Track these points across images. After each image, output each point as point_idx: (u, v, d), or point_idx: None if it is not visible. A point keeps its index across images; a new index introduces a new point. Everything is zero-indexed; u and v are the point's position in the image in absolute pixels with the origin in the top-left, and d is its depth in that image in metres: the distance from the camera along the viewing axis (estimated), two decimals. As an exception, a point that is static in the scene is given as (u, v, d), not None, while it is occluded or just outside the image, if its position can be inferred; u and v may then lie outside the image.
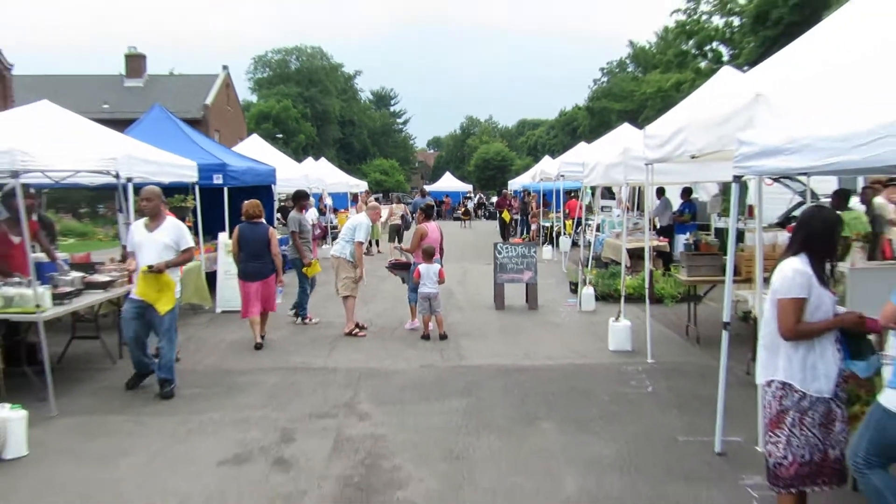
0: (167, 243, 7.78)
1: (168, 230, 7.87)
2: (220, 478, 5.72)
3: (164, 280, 7.74)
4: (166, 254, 7.75)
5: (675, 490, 5.37)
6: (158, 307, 7.68)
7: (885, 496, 3.99)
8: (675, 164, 9.42)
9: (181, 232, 7.97)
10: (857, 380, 4.40)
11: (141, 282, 7.67)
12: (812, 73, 6.09)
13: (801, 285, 4.24)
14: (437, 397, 7.85)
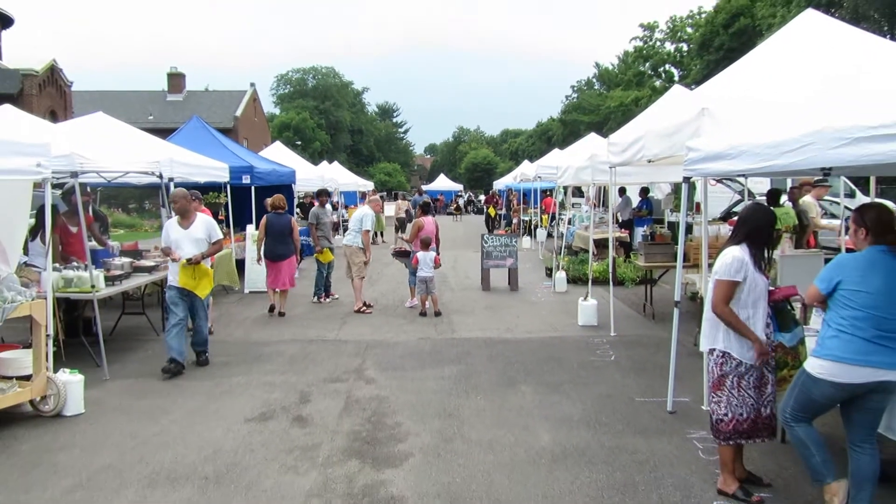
0: (201, 237, 7.62)
1: (201, 226, 7.70)
2: (247, 432, 5.71)
3: (202, 269, 7.63)
4: (201, 247, 7.58)
5: (632, 442, 5.39)
6: (199, 292, 7.59)
7: (808, 445, 4.02)
8: (634, 167, 9.42)
9: (211, 226, 7.80)
10: (785, 349, 4.42)
11: (182, 273, 7.51)
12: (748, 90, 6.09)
13: (738, 270, 4.25)
14: (432, 365, 7.85)
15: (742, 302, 4.30)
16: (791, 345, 4.42)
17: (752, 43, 9.38)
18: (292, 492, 4.57)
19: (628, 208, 17.95)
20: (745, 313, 4.30)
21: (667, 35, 48.34)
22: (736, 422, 4.36)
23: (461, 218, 43.70)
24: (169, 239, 7.65)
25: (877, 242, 3.90)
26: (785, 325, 4.40)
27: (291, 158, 20.44)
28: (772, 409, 4.42)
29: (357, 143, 77.20)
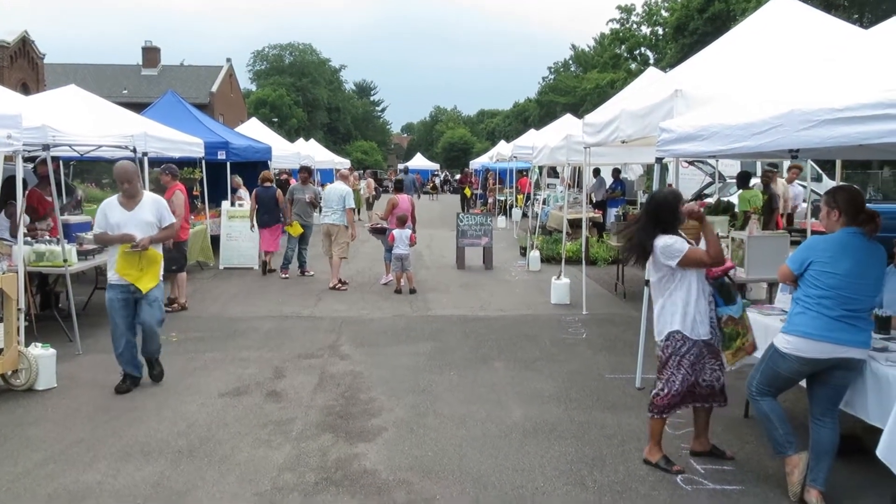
0: (149, 221, 6.04)
1: (149, 207, 6.11)
2: (221, 406, 5.69)
3: (149, 256, 6.02)
4: (149, 232, 6.01)
5: (601, 417, 5.46)
6: (142, 285, 5.96)
7: (771, 419, 4.11)
8: (608, 148, 9.48)
9: (162, 207, 6.25)
10: (735, 320, 4.49)
11: (122, 261, 5.91)
12: (721, 73, 6.14)
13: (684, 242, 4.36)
14: (406, 341, 7.86)
15: (697, 282, 4.36)
16: (739, 315, 4.49)
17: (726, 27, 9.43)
18: (266, 465, 4.57)
19: (602, 189, 18.03)
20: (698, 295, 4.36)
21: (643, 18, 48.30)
22: (670, 396, 4.45)
23: (437, 197, 43.60)
24: (107, 223, 6.02)
25: (849, 224, 3.96)
26: (729, 299, 4.48)
27: (268, 135, 20.19)
28: (717, 376, 4.51)
29: (334, 121, 76.44)
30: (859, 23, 19.24)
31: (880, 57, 3.75)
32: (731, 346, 4.50)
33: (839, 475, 4.14)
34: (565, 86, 57.25)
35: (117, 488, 4.24)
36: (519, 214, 22.19)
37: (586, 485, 4.29)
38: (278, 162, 17.81)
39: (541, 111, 60.16)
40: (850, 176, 24.85)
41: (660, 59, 40.37)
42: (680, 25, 35.62)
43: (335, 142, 70.37)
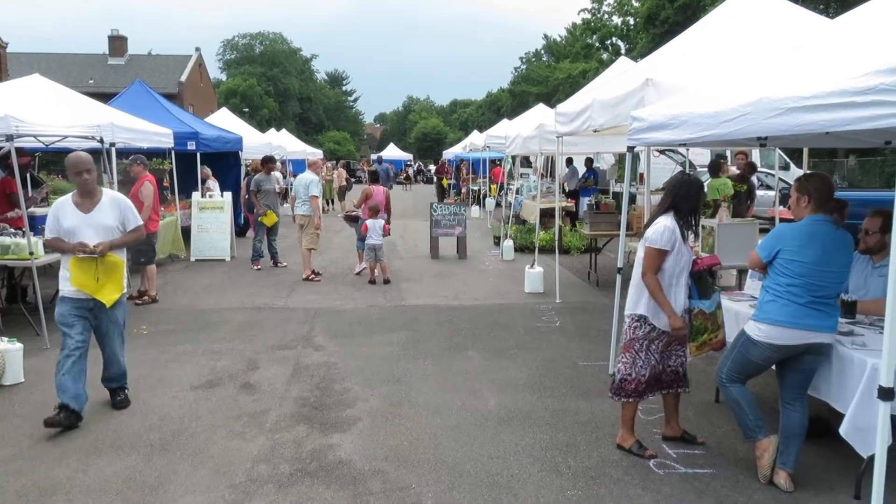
0: (110, 224, 5.17)
1: (110, 208, 5.23)
2: (194, 399, 5.63)
3: (108, 263, 5.11)
4: (109, 236, 5.16)
5: (575, 404, 5.51)
6: (103, 297, 5.13)
7: (741, 405, 4.18)
8: (580, 138, 9.52)
9: (126, 207, 5.32)
10: (705, 314, 4.55)
11: (75, 268, 5.05)
12: (691, 62, 6.19)
13: (669, 240, 4.34)
14: (381, 331, 7.84)
15: (669, 271, 4.40)
16: (710, 311, 4.56)
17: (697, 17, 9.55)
18: (240, 457, 4.54)
19: (575, 178, 18.14)
20: (670, 282, 4.41)
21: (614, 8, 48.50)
22: (637, 382, 4.51)
23: (411, 187, 43.55)
24: (59, 227, 5.15)
25: (817, 211, 4.02)
26: (704, 293, 4.53)
27: (238, 125, 19.94)
28: (681, 363, 4.61)
29: (306, 111, 75.83)
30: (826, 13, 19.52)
31: (845, 46, 3.79)
32: (698, 339, 4.56)
33: (806, 456, 4.23)
34: (538, 76, 57.42)
35: (88, 483, 4.18)
36: (492, 204, 22.21)
37: (560, 471, 4.33)
38: (249, 153, 17.62)
39: (514, 101, 60.25)
40: (817, 164, 25.28)
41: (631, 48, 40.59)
42: (651, 15, 35.82)
43: (307, 132, 69.86)
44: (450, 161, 35.05)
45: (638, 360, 4.50)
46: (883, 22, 3.69)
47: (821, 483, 4.10)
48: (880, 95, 2.92)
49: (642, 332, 4.47)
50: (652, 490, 4.07)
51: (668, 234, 4.35)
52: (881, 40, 3.37)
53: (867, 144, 6.80)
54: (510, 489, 4.10)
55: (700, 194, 4.51)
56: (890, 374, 2.98)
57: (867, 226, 4.78)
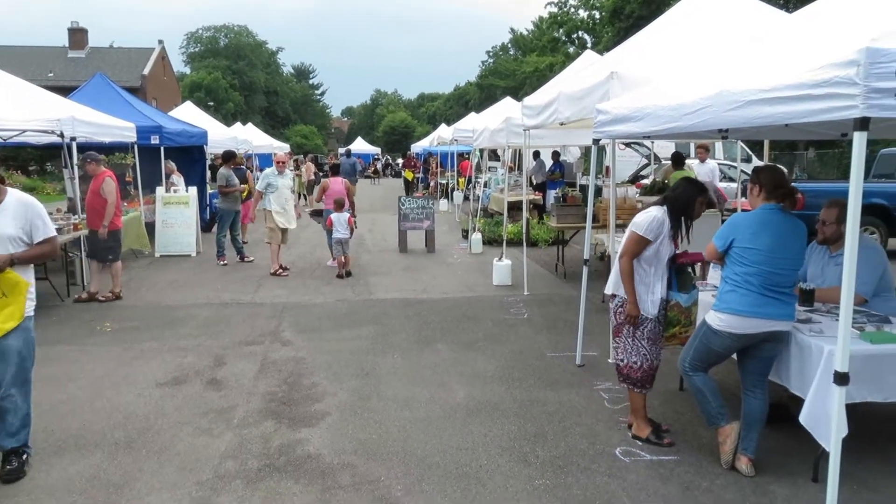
0: (11, 234, 4.12)
1: (14, 213, 4.18)
2: (159, 396, 5.55)
3: (7, 280, 4.07)
4: (12, 249, 4.12)
5: (543, 395, 5.55)
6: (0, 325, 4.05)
7: (704, 393, 4.26)
8: (547, 131, 9.57)
9: (35, 215, 4.27)
10: (681, 308, 4.63)
11: None
12: (655, 56, 6.26)
13: (654, 230, 4.41)
14: (349, 326, 7.82)
15: (647, 259, 4.47)
16: (687, 305, 4.64)
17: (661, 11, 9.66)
18: (207, 454, 4.49)
19: (542, 171, 18.24)
20: (648, 270, 4.48)
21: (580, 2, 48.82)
22: (630, 369, 4.58)
23: (379, 181, 43.40)
24: None
25: (769, 199, 4.11)
26: (684, 287, 4.62)
27: (203, 119, 19.67)
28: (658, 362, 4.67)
29: (272, 104, 75.04)
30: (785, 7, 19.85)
31: (803, 40, 3.87)
32: (669, 330, 4.65)
33: (767, 442, 4.32)
34: (505, 69, 57.55)
35: (51, 483, 4.11)
36: (461, 198, 22.24)
37: (528, 461, 4.37)
38: (215, 147, 17.41)
39: (481, 95, 60.31)
40: (778, 157, 25.77)
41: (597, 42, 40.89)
42: (616, 9, 36.13)
43: (274, 126, 69.19)
44: (418, 155, 34.99)
45: (627, 345, 4.58)
46: (838, 16, 3.77)
47: (781, 467, 4.20)
48: (835, 88, 2.98)
49: (624, 317, 4.54)
50: (618, 477, 4.13)
51: (657, 224, 4.42)
52: (836, 34, 3.44)
53: (825, 136, 6.95)
54: (479, 480, 4.12)
55: (695, 202, 4.52)
56: (845, 358, 3.06)
57: (824, 216, 4.90)
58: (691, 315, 4.69)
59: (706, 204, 4.79)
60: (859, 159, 2.92)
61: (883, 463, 4.25)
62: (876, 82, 2.82)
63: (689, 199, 4.51)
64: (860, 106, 2.85)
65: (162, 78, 48.10)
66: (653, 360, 4.59)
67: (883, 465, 4.22)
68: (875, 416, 4.82)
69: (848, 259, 3.01)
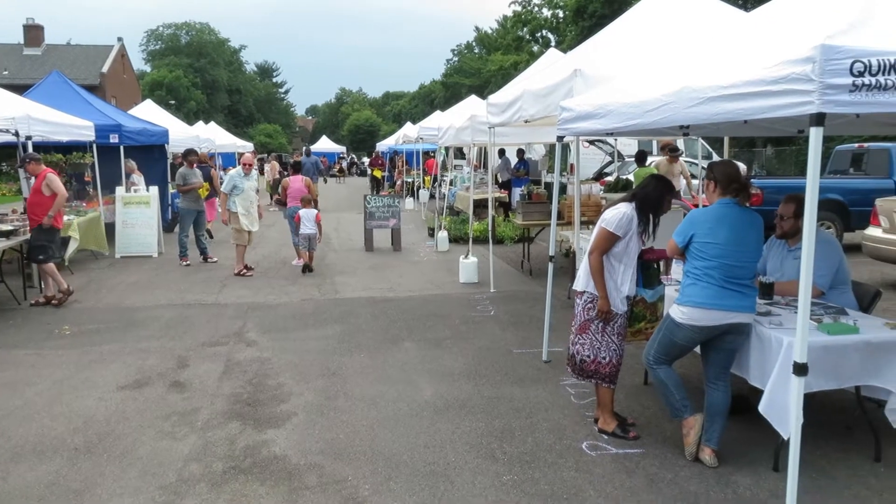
0: None
1: None
2: (120, 400, 5.44)
3: None
4: None
5: (510, 391, 5.57)
6: None
7: (668, 385, 4.31)
8: (512, 128, 9.61)
9: None
10: (646, 303, 4.69)
11: None
12: (617, 53, 6.31)
13: (623, 227, 4.46)
14: (315, 325, 7.75)
15: (616, 255, 4.51)
16: (652, 300, 4.71)
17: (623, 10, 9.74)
18: (170, 457, 4.41)
19: (507, 169, 18.31)
20: (617, 267, 4.52)
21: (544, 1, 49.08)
22: (598, 364, 4.61)
23: (344, 180, 43.15)
24: None
25: (725, 194, 4.19)
26: (649, 283, 4.68)
27: (164, 118, 19.33)
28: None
29: (235, 103, 74.09)
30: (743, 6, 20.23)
31: (761, 37, 3.94)
32: (635, 325, 4.72)
33: (730, 433, 4.39)
34: (470, 67, 57.56)
35: (7, 490, 4.00)
36: (426, 196, 22.23)
37: (496, 457, 4.37)
38: (176, 146, 17.14)
39: (446, 93, 60.27)
40: (738, 154, 26.26)
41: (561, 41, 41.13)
42: (579, 8, 36.39)
43: (237, 125, 68.36)
44: (383, 153, 34.87)
45: (595, 341, 4.60)
46: (795, 14, 3.84)
47: (742, 457, 4.27)
48: (792, 84, 3.04)
49: (596, 313, 4.56)
50: (584, 471, 4.16)
51: (626, 221, 4.46)
52: (793, 32, 3.51)
53: (782, 133, 7.09)
54: (447, 477, 4.12)
55: (664, 200, 4.59)
56: (803, 350, 3.12)
57: (782, 211, 5.00)
58: (657, 311, 4.75)
59: None
60: (815, 154, 2.98)
61: (840, 451, 4.36)
62: (831, 79, 2.88)
63: (660, 197, 4.57)
64: (816, 102, 2.91)
65: (121, 76, 47.17)
66: (621, 354, 4.64)
67: (840, 453, 4.33)
68: (831, 405, 4.94)
69: (805, 253, 3.07)
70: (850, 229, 12.14)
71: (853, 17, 3.18)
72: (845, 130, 8.33)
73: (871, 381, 4.03)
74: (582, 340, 4.66)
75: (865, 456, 4.27)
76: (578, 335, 4.68)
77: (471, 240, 11.02)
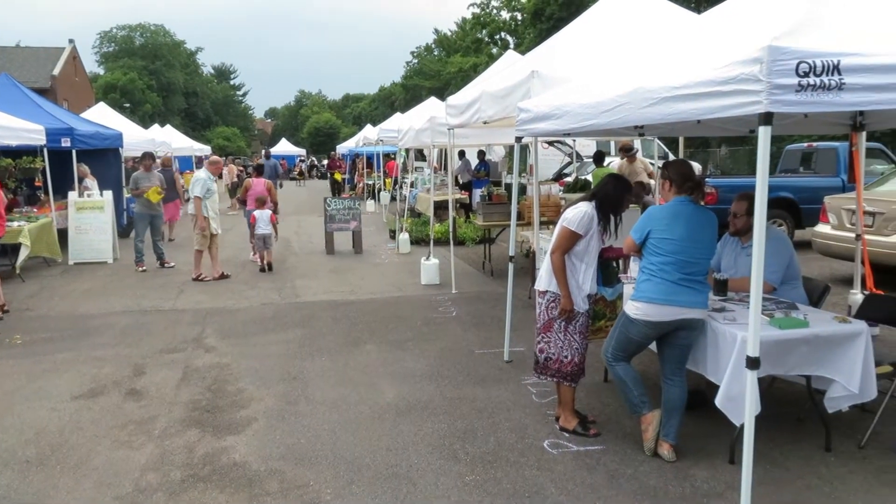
0: None
1: None
2: (74, 410, 5.30)
3: None
4: None
5: (472, 391, 5.57)
6: None
7: (626, 382, 4.36)
8: (472, 130, 9.64)
9: None
10: (606, 301, 4.74)
11: None
12: (574, 55, 6.38)
13: (585, 225, 4.50)
14: (275, 329, 7.66)
15: (577, 255, 4.55)
16: (611, 298, 4.77)
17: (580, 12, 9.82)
18: (126, 467, 4.31)
19: (468, 170, 18.36)
20: (579, 266, 4.56)
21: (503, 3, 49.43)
22: (560, 363, 4.65)
23: (304, 183, 42.78)
24: None
25: (679, 192, 4.27)
26: (608, 281, 4.74)
27: (118, 121, 18.97)
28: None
29: (192, 106, 72.89)
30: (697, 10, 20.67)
31: (712, 39, 4.02)
32: (595, 323, 4.77)
33: (687, 428, 4.45)
34: (430, 70, 57.61)
35: (-45, 506, 3.86)
36: (387, 198, 22.16)
37: (459, 457, 4.37)
38: (131, 149, 16.80)
39: (406, 95, 60.23)
40: (693, 154, 26.76)
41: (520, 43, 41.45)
42: (537, 11, 36.76)
43: (194, 128, 67.30)
44: (344, 156, 34.67)
45: (558, 340, 4.62)
46: (744, 16, 3.93)
47: (700, 451, 4.34)
48: (741, 85, 3.10)
49: (559, 311, 4.59)
50: (546, 469, 4.19)
51: (587, 220, 4.50)
52: (742, 33, 3.58)
53: (735, 133, 7.24)
54: (409, 479, 4.10)
55: (624, 199, 4.64)
56: (756, 344, 3.18)
57: (735, 209, 5.11)
58: (616, 309, 4.80)
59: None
60: (764, 153, 3.04)
61: (792, 443, 4.46)
62: (778, 79, 2.94)
63: (620, 196, 4.62)
64: (764, 101, 2.97)
65: (73, 79, 46.03)
66: (583, 353, 4.68)
67: (792, 444, 4.43)
68: (784, 398, 5.05)
69: (756, 249, 3.13)
70: (800, 227, 12.45)
71: (799, 18, 3.26)
72: (795, 130, 8.56)
73: (819, 371, 4.15)
74: (546, 339, 4.69)
75: (816, 446, 4.38)
76: (542, 334, 4.71)
77: (432, 241, 11.03)
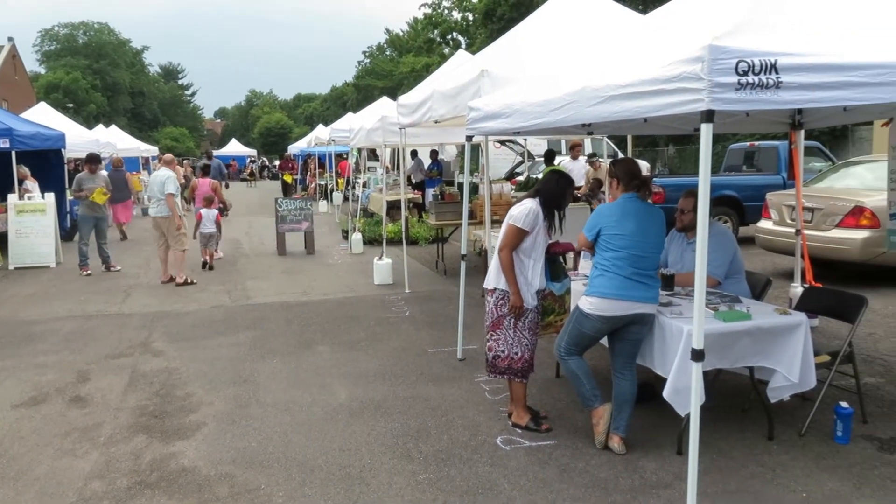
0: None
1: None
2: (14, 419, 5.11)
3: None
4: None
5: (426, 390, 5.57)
6: None
7: (579, 376, 4.41)
8: (424, 129, 9.62)
9: None
10: (554, 296, 4.79)
11: None
12: (523, 54, 6.44)
13: (530, 222, 4.52)
14: (226, 332, 7.52)
15: (525, 251, 4.58)
16: (560, 293, 4.81)
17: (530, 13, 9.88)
18: (70, 476, 4.18)
19: (420, 170, 18.34)
20: (527, 262, 4.59)
21: (454, 4, 49.57)
22: (511, 360, 4.67)
23: (255, 184, 42.16)
24: None
25: (627, 190, 4.34)
26: (556, 276, 4.78)
27: (61, 121, 18.37)
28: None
29: (139, 106, 71.21)
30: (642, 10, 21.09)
31: (657, 38, 4.09)
32: (545, 319, 4.80)
33: (637, 421, 4.52)
34: (382, 69, 57.45)
35: None
36: (340, 198, 22.00)
37: (412, 456, 4.36)
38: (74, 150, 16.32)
39: (359, 95, 59.90)
40: (642, 153, 27.25)
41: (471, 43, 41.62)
42: (488, 11, 36.94)
43: (141, 128, 65.72)
44: (296, 156, 34.27)
45: (508, 337, 4.63)
46: (687, 16, 4.01)
47: (649, 443, 4.42)
48: (684, 83, 3.16)
49: (508, 308, 4.59)
50: (499, 466, 4.20)
51: (533, 216, 4.52)
52: (685, 33, 3.65)
53: (681, 131, 7.39)
54: (362, 479, 4.07)
55: (566, 194, 4.69)
56: (700, 337, 3.25)
57: (682, 205, 5.22)
58: (565, 303, 4.85)
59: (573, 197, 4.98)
60: (706, 149, 3.11)
61: (737, 432, 4.57)
62: (718, 77, 3.00)
63: (561, 191, 4.67)
64: (706, 99, 3.03)
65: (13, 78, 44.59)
66: (532, 349, 4.71)
67: (737, 434, 4.54)
68: (729, 390, 5.17)
69: (700, 244, 3.20)
70: (744, 223, 12.78)
71: (740, 18, 3.33)
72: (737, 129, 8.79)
73: (762, 361, 4.27)
74: (496, 336, 4.70)
75: (760, 435, 4.50)
76: (491, 332, 4.72)
77: (385, 241, 10.99)
